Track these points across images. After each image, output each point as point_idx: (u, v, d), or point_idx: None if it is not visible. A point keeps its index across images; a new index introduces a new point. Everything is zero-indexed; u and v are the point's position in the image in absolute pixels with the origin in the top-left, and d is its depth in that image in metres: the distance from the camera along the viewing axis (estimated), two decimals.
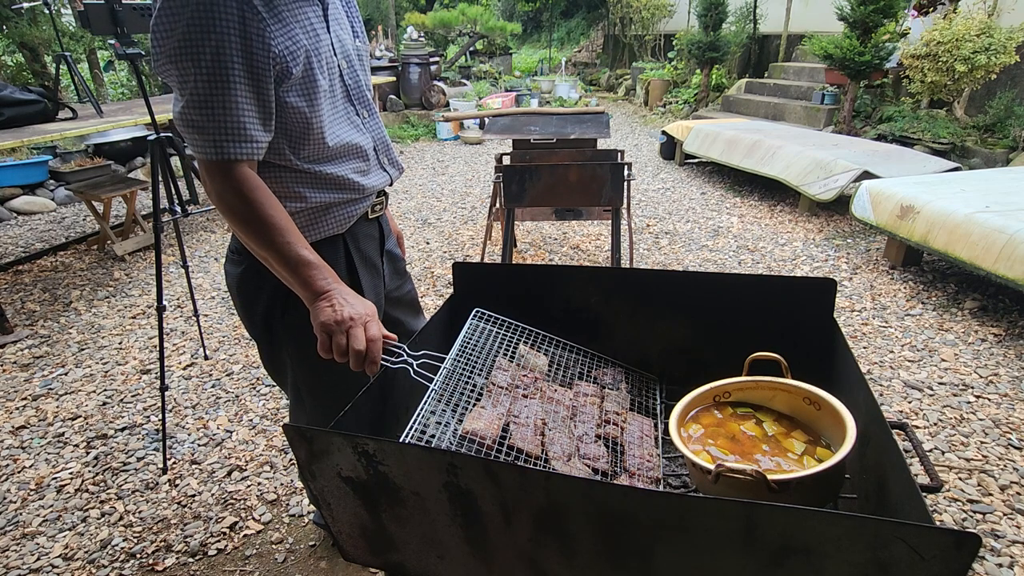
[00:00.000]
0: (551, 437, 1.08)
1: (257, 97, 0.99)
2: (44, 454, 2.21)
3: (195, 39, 0.92)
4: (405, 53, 9.11)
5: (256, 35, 0.95)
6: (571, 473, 1.01)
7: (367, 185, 1.22)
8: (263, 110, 1.00)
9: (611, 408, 1.21)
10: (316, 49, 1.08)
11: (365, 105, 1.23)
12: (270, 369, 1.39)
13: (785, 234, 4.24)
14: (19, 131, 3.38)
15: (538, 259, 3.96)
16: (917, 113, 5.86)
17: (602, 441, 1.13)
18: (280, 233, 1.01)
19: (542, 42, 15.48)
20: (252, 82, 0.97)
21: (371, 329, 1.01)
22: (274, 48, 0.98)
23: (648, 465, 1.08)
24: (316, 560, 1.73)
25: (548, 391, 1.20)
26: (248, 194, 1.00)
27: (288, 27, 1.02)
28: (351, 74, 1.19)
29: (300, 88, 1.05)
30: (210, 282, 3.68)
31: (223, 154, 0.98)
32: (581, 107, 7.99)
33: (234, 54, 0.94)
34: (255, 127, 1.00)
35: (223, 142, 0.97)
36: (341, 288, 1.04)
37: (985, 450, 2.08)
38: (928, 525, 0.65)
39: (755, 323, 1.25)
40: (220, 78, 0.94)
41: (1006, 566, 1.65)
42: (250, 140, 0.99)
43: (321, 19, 1.11)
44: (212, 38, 0.92)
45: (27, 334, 3.07)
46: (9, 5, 5.59)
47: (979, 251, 2.84)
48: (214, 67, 0.93)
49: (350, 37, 1.22)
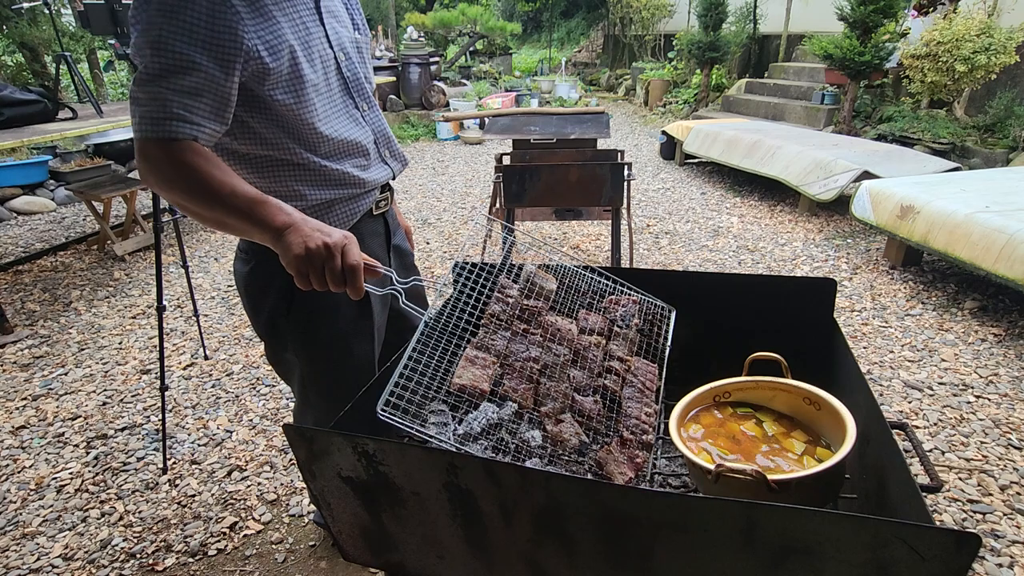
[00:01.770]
0: (547, 387, 1.04)
1: (212, 86, 0.95)
2: (44, 454, 2.21)
3: (157, 23, 0.91)
4: (405, 53, 9.12)
5: (224, 27, 0.94)
6: (561, 434, 0.99)
7: (368, 179, 1.21)
8: (216, 99, 0.96)
9: (616, 351, 1.16)
10: (306, 43, 1.07)
11: (365, 98, 1.22)
12: (278, 369, 1.39)
13: (785, 234, 4.24)
14: (19, 131, 3.38)
15: (538, 260, 3.96)
16: (917, 113, 5.86)
17: (599, 395, 1.10)
18: (222, 185, 0.94)
19: (542, 42, 15.48)
20: (209, 71, 0.93)
21: (350, 256, 0.95)
22: (246, 43, 0.97)
23: (643, 427, 1.05)
24: (316, 560, 1.73)
25: (551, 325, 1.13)
26: (185, 164, 0.94)
27: (270, 22, 1.01)
28: (349, 66, 1.18)
29: (287, 84, 1.04)
30: (210, 282, 3.68)
31: (159, 132, 0.93)
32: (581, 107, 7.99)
33: (195, 41, 0.92)
34: (200, 113, 0.95)
35: (162, 120, 0.92)
36: (306, 219, 0.97)
37: (985, 450, 2.08)
38: (928, 525, 0.65)
39: (755, 323, 1.25)
40: (176, 60, 0.91)
41: (1006, 566, 1.65)
42: (191, 123, 0.94)
43: (313, 12, 1.10)
44: (175, 24, 0.91)
45: (27, 334, 3.07)
46: (9, 5, 5.59)
47: (979, 251, 2.84)
48: (171, 50, 0.91)
49: (348, 29, 1.20)
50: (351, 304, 1.26)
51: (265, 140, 1.09)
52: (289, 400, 2.48)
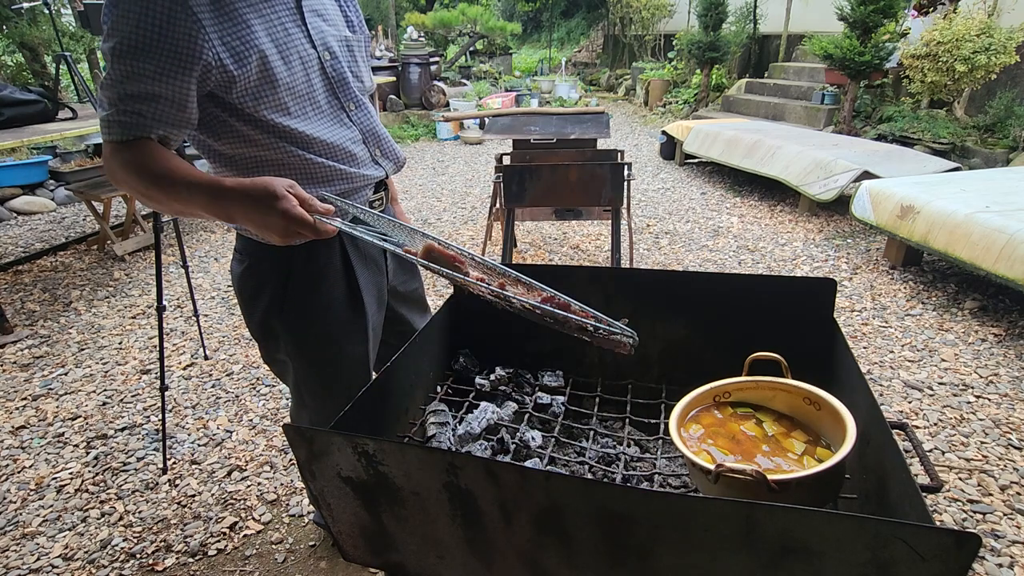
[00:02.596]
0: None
1: (166, 93, 0.95)
2: (44, 454, 2.21)
3: (117, 29, 0.92)
4: (405, 53, 9.12)
5: (183, 35, 0.94)
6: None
7: (357, 175, 1.20)
8: (170, 105, 0.97)
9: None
10: (283, 44, 1.06)
11: (351, 98, 1.19)
12: (273, 369, 1.39)
13: (785, 234, 4.24)
14: (19, 131, 3.38)
15: (538, 259, 3.96)
16: (917, 113, 5.87)
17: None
18: (173, 171, 0.97)
19: (542, 42, 15.48)
20: (160, 79, 0.94)
21: (294, 212, 0.93)
22: (206, 54, 0.96)
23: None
24: (316, 560, 1.73)
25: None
26: (142, 163, 0.96)
27: (239, 26, 1.00)
28: (335, 65, 1.15)
29: (255, 90, 1.03)
30: (210, 282, 3.68)
31: (113, 135, 0.96)
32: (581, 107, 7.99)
33: (149, 50, 0.92)
34: (154, 117, 0.96)
35: (115, 123, 0.95)
36: (243, 199, 0.95)
37: (985, 450, 2.08)
38: (928, 525, 0.65)
39: (755, 323, 1.24)
40: (130, 68, 0.93)
41: (1006, 566, 1.65)
42: (144, 127, 0.96)
43: (293, 12, 1.08)
44: (134, 32, 0.92)
45: (27, 334, 3.07)
46: (9, 5, 5.59)
47: (979, 251, 2.84)
48: (126, 57, 0.92)
49: (338, 28, 1.18)
50: (344, 304, 1.26)
51: (250, 139, 1.08)
52: (289, 400, 2.49)
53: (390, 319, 1.43)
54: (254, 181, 0.95)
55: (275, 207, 0.93)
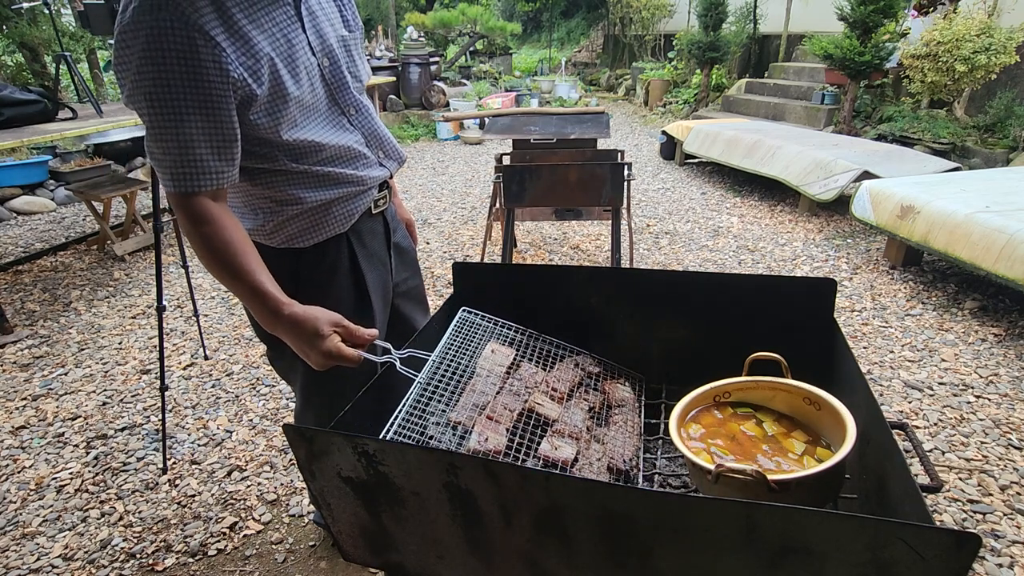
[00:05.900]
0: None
1: (213, 127, 0.95)
2: (44, 454, 2.21)
3: (145, 73, 0.90)
4: (405, 53, 9.11)
5: (211, 63, 0.91)
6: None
7: (364, 176, 1.20)
8: (221, 139, 0.97)
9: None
10: (289, 55, 1.03)
11: (351, 102, 1.18)
12: (281, 372, 1.39)
13: (785, 234, 4.24)
14: (19, 131, 3.37)
15: (538, 259, 3.96)
16: (917, 113, 5.86)
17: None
18: (231, 260, 1.00)
19: (542, 42, 15.48)
20: (206, 112, 0.93)
21: (338, 352, 1.01)
22: (232, 74, 0.94)
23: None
24: (316, 560, 1.73)
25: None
26: (203, 227, 0.98)
27: (248, 42, 0.97)
28: (333, 71, 1.14)
29: (267, 107, 1.02)
30: (210, 282, 3.68)
31: (180, 187, 0.96)
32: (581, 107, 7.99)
33: (185, 86, 0.91)
34: (211, 158, 0.97)
35: (180, 175, 0.95)
36: (291, 328, 1.02)
37: (985, 450, 2.08)
38: (928, 525, 0.65)
39: (755, 323, 1.25)
40: (171, 111, 0.91)
41: (1006, 566, 1.65)
42: (206, 172, 0.97)
43: (294, 19, 1.05)
44: (162, 72, 0.89)
45: (27, 334, 3.07)
46: (9, 5, 5.59)
47: (979, 251, 2.84)
48: (165, 101, 0.91)
49: (335, 27, 1.16)
50: (352, 304, 1.26)
51: (257, 155, 1.07)
52: (289, 400, 2.48)
53: (392, 317, 1.43)
54: (306, 314, 1.00)
55: (317, 346, 1.00)
